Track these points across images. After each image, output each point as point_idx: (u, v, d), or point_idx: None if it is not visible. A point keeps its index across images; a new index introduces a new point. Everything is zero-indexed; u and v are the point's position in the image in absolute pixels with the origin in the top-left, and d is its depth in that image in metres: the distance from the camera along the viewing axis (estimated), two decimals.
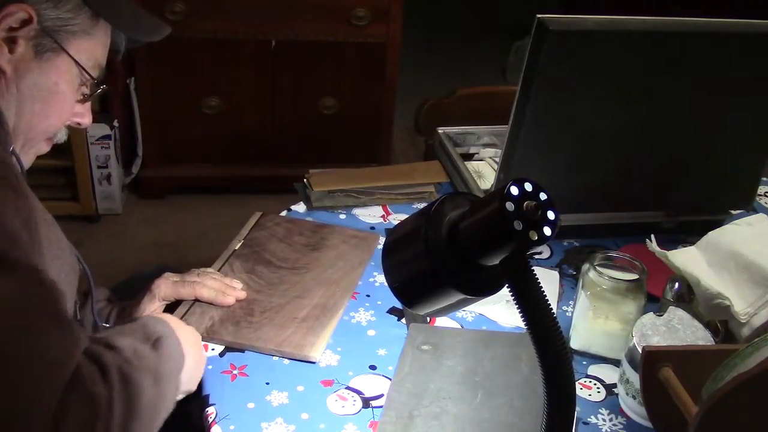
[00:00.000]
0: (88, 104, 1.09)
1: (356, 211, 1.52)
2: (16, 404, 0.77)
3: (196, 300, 1.23)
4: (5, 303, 0.81)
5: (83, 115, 1.09)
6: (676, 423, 0.92)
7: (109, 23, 1.05)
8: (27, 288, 0.85)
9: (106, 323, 1.23)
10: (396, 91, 2.89)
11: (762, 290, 1.13)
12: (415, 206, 1.54)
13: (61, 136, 1.09)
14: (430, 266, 0.76)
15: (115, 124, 2.75)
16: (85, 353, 0.87)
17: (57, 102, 1.03)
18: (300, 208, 1.53)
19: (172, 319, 1.08)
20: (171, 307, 1.23)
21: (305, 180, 1.56)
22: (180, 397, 1.07)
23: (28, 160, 1.06)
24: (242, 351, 1.17)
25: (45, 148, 1.09)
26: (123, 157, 2.91)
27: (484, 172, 1.62)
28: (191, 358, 1.06)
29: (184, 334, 1.07)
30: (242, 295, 1.25)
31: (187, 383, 1.06)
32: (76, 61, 1.01)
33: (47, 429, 0.78)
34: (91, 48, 1.03)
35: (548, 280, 1.35)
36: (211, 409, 1.06)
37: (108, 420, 0.83)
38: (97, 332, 1.20)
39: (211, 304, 1.23)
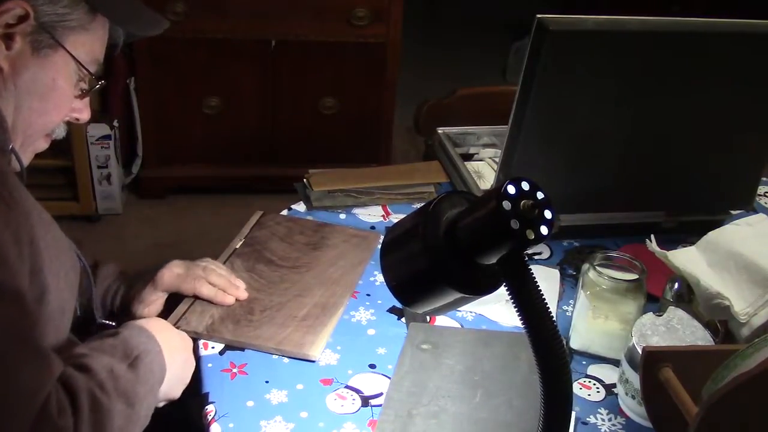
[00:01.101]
0: (87, 99, 1.08)
1: (356, 211, 1.52)
2: None
3: (197, 297, 1.23)
4: None
5: (82, 111, 1.08)
6: (676, 423, 0.92)
7: (107, 18, 1.04)
8: (8, 315, 0.85)
9: (112, 303, 1.24)
10: (396, 91, 2.89)
11: (762, 290, 1.13)
12: (414, 206, 1.54)
13: (60, 132, 1.09)
14: (428, 265, 0.76)
15: (115, 124, 2.75)
16: (58, 379, 0.88)
17: (55, 98, 1.02)
18: (301, 207, 1.53)
19: (159, 327, 1.08)
20: (172, 304, 1.24)
21: (305, 180, 1.56)
22: (161, 404, 1.07)
23: (27, 158, 1.05)
24: (242, 349, 1.17)
25: (44, 145, 1.08)
26: (123, 157, 2.91)
27: (483, 173, 1.62)
28: (176, 365, 1.06)
29: (171, 341, 1.07)
30: (243, 295, 1.25)
31: (169, 391, 1.07)
32: (73, 57, 1.01)
33: None
34: (89, 43, 1.03)
35: (549, 279, 1.35)
36: (210, 407, 1.06)
37: None
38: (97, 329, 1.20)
39: (210, 302, 1.23)
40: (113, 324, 1.19)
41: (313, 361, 1.15)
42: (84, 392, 0.89)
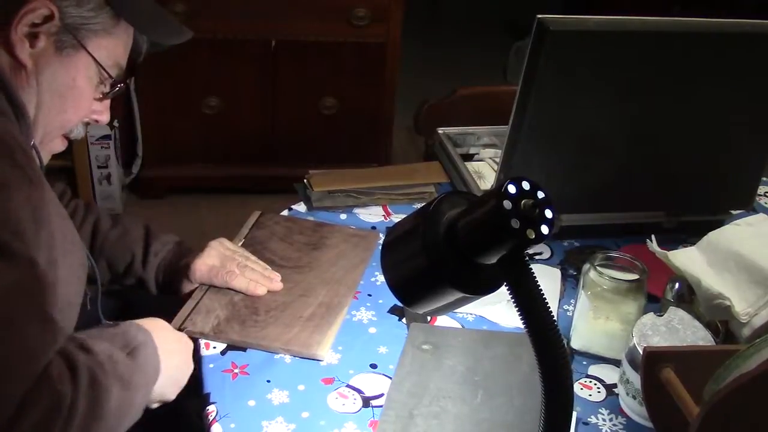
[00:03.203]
0: (107, 102, 1.11)
1: (357, 211, 1.52)
2: None
3: (206, 292, 1.25)
4: None
5: (102, 113, 1.11)
6: (677, 423, 0.92)
7: (129, 24, 1.07)
8: (20, 279, 0.87)
9: (164, 279, 1.30)
10: (396, 91, 2.89)
11: (762, 290, 1.13)
12: (415, 206, 1.54)
13: (78, 133, 1.12)
14: (428, 265, 0.75)
15: (115, 124, 2.75)
16: (59, 352, 0.89)
17: (74, 97, 1.05)
18: (301, 207, 1.53)
19: (158, 327, 1.09)
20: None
21: (305, 180, 1.56)
22: (155, 405, 1.08)
23: (44, 157, 1.08)
24: (244, 350, 1.17)
25: (60, 147, 1.12)
26: (123, 157, 2.91)
27: (484, 173, 1.62)
28: (171, 367, 1.06)
29: (168, 343, 1.07)
30: (278, 287, 1.27)
31: (164, 393, 1.07)
32: (94, 59, 1.03)
33: (6, 418, 0.80)
34: (112, 47, 1.05)
35: (550, 279, 1.35)
36: (211, 408, 1.06)
37: (68, 419, 0.85)
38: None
39: (218, 301, 1.24)
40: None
41: (320, 361, 1.15)
42: (84, 368, 0.90)
